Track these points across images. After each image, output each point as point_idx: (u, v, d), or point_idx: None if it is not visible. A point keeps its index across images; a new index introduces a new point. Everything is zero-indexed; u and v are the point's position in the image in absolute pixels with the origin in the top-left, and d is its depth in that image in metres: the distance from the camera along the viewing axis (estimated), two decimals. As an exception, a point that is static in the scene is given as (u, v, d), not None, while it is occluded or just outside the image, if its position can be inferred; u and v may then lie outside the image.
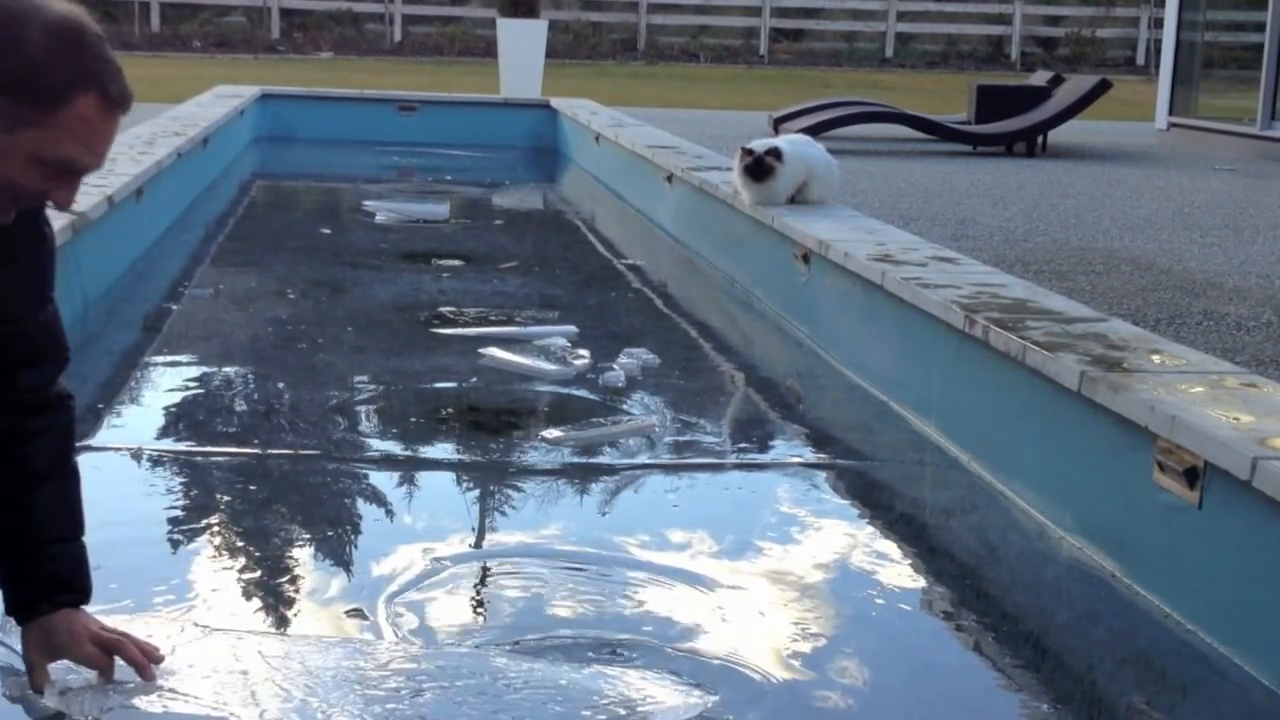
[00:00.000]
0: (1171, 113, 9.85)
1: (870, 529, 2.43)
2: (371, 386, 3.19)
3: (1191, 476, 1.95)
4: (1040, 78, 9.60)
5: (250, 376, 3.23)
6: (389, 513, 2.43)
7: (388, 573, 2.08)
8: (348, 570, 2.14)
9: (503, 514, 2.46)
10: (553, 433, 2.81)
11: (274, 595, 2.02)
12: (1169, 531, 2.03)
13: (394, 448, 2.77)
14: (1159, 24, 14.67)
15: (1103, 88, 8.39)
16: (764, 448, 2.98)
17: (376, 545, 2.22)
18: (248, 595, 2.00)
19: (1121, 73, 16.25)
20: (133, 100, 1.45)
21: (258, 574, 2.09)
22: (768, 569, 2.18)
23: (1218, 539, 1.93)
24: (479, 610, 2.01)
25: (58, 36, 1.38)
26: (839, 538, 2.37)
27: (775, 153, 4.11)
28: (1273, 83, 8.74)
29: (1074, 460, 2.31)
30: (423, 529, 2.33)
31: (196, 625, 1.86)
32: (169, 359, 3.39)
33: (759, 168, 4.09)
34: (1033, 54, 18.75)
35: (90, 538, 2.19)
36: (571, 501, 2.52)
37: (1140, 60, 18.51)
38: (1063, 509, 2.33)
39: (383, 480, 2.57)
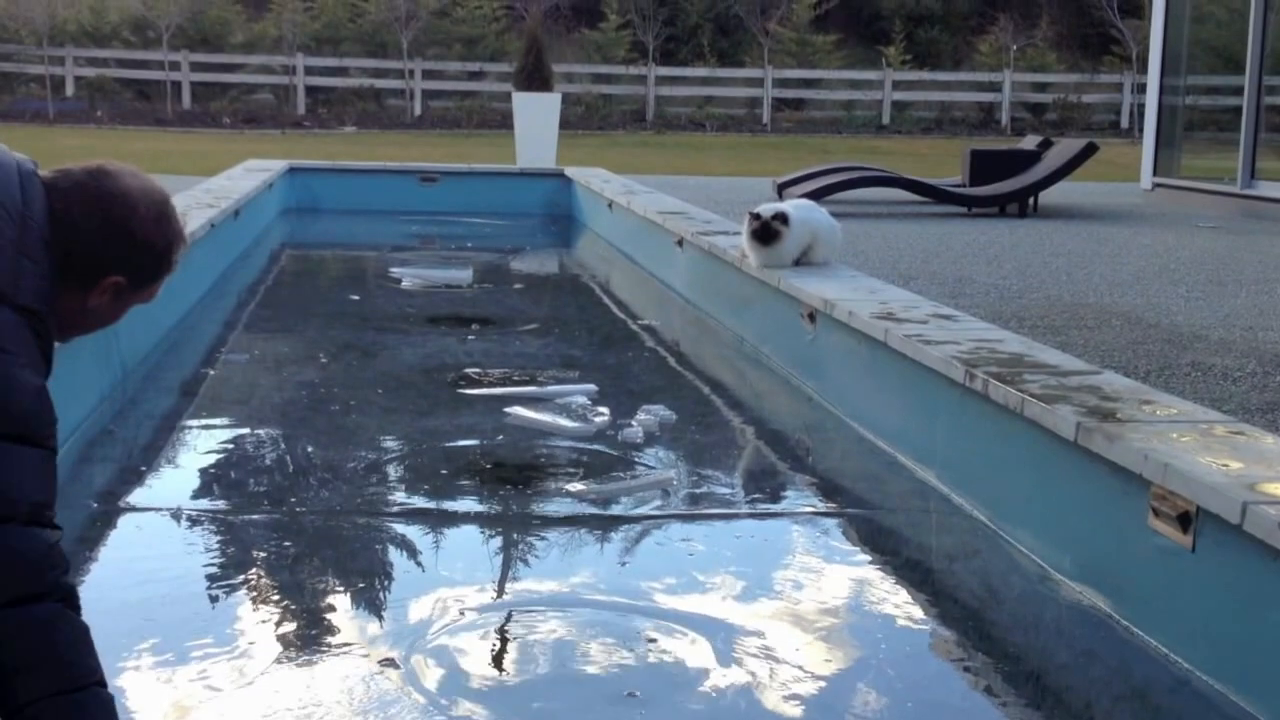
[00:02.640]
0: (1156, 173, 10.06)
1: (878, 574, 2.50)
2: (401, 445, 3.29)
3: (1185, 521, 2.02)
4: (1030, 142, 9.81)
5: (284, 438, 3.31)
6: (419, 565, 2.51)
7: (419, 623, 2.16)
8: (380, 621, 2.21)
9: (528, 565, 2.54)
10: (575, 487, 2.89)
11: (310, 646, 2.09)
12: (1164, 574, 2.09)
13: (423, 503, 2.86)
14: (1142, 89, 14.94)
15: (1090, 151, 8.58)
16: (776, 498, 3.06)
17: (407, 597, 2.30)
18: (285, 645, 2.07)
19: (1107, 136, 16.50)
20: None
21: (294, 627, 2.15)
22: (780, 613, 2.26)
23: (1211, 580, 1.99)
24: (506, 658, 2.09)
25: (158, 216, 1.65)
26: (848, 583, 2.45)
27: (782, 217, 4.20)
28: (1251, 143, 8.93)
29: (1072, 507, 2.38)
30: (452, 580, 2.40)
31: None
32: (205, 422, 3.49)
33: (766, 232, 4.20)
34: (1022, 119, 19.11)
35: (132, 595, 2.28)
36: (593, 552, 2.60)
37: (1124, 124, 18.83)
38: (1062, 553, 2.40)
39: (413, 534, 2.65)
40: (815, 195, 6.96)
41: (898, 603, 2.38)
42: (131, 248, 1.61)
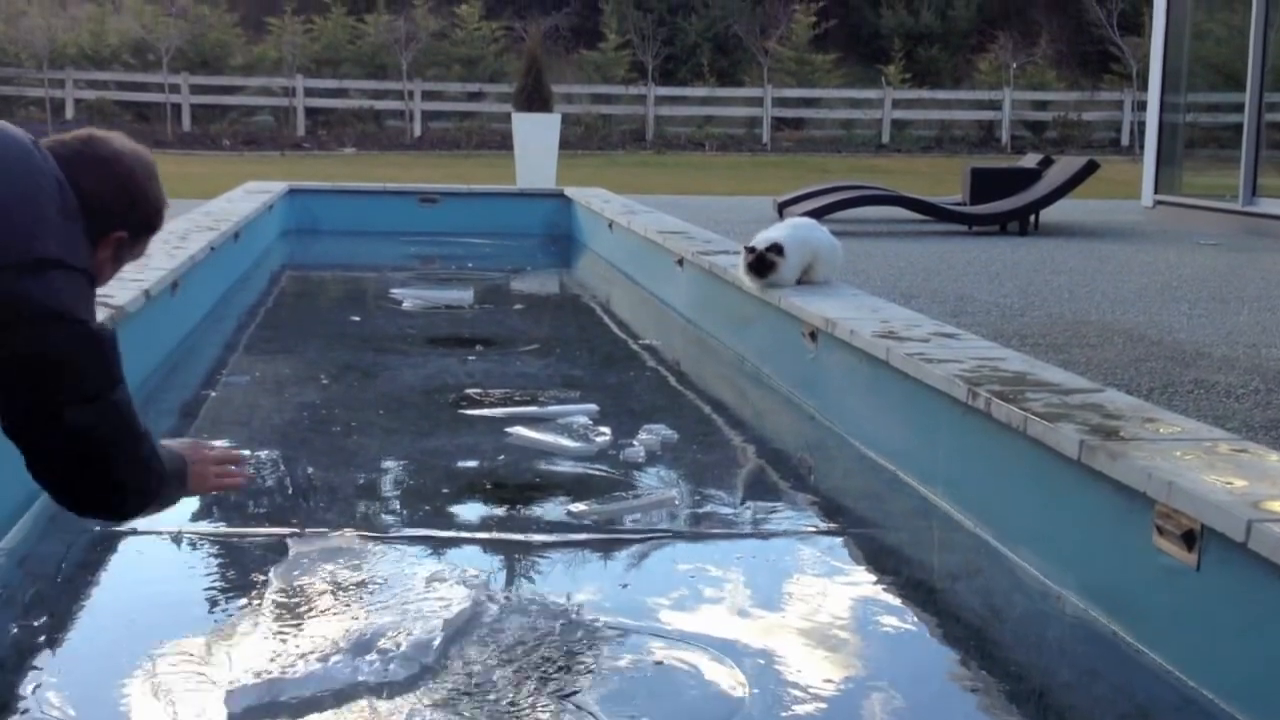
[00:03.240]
0: (1157, 191, 10.10)
1: (881, 593, 2.50)
2: (402, 466, 3.30)
3: (1189, 539, 2.02)
4: (1030, 160, 9.87)
5: (285, 459, 3.31)
6: (421, 586, 2.52)
7: (420, 645, 2.14)
8: (381, 642, 2.18)
9: (530, 585, 2.54)
10: (577, 507, 2.89)
11: (312, 667, 2.07)
12: (1169, 592, 2.09)
13: (424, 524, 2.85)
14: (1142, 106, 15.03)
15: (1090, 168, 8.62)
16: (778, 517, 3.05)
17: (409, 618, 2.29)
18: (287, 667, 2.06)
19: (1107, 153, 16.60)
20: None
21: (296, 650, 2.15)
22: (783, 633, 2.26)
23: (1216, 599, 1.99)
24: (509, 678, 2.09)
25: (150, 175, 1.84)
26: (851, 602, 2.45)
27: (776, 249, 4.19)
28: (1253, 160, 8.98)
29: (1075, 525, 2.38)
30: (453, 601, 2.40)
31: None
32: (206, 444, 3.52)
33: (761, 264, 4.20)
34: (1022, 137, 19.22)
35: (134, 619, 2.28)
36: (595, 572, 2.60)
37: (1125, 141, 18.93)
38: (1065, 572, 2.40)
39: (414, 555, 2.65)
40: (816, 214, 6.98)
41: (901, 622, 2.38)
42: (133, 203, 1.80)
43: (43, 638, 2.19)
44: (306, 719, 1.93)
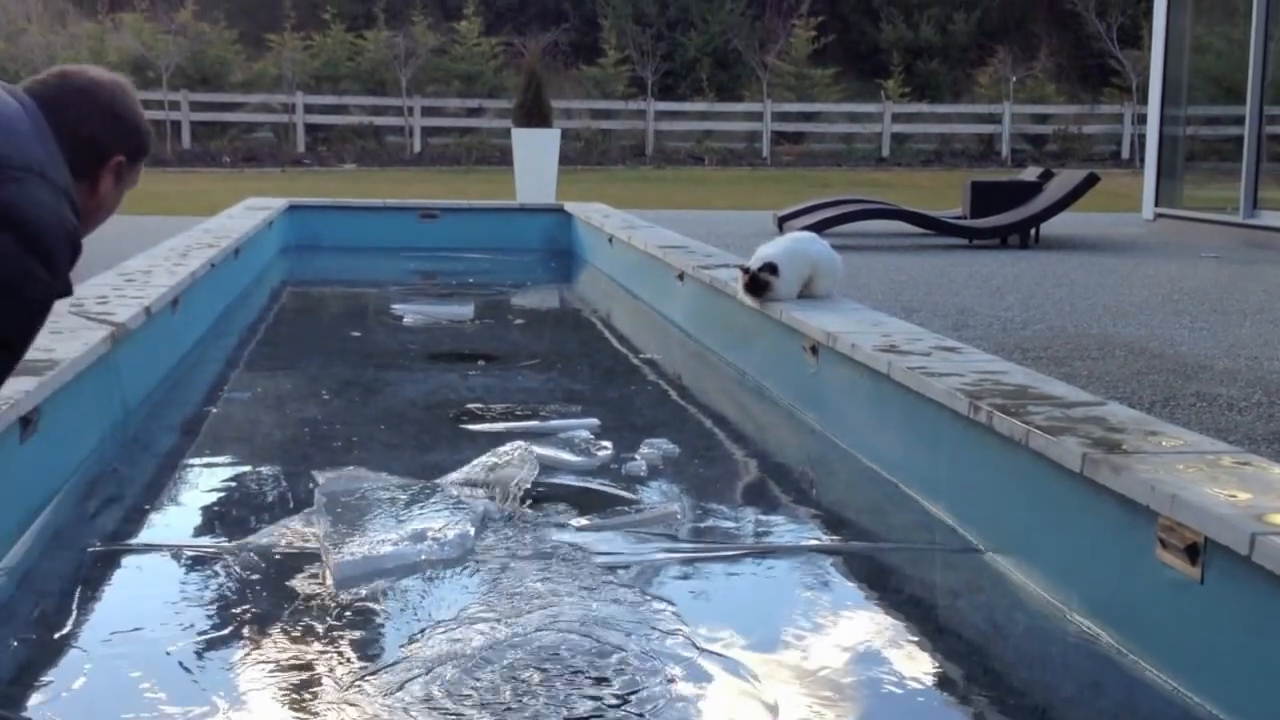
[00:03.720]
0: (1158, 204, 10.13)
1: (883, 609, 2.49)
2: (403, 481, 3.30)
3: (1193, 553, 2.01)
4: (1031, 173, 9.91)
5: (286, 475, 3.30)
6: (421, 603, 2.52)
7: (423, 661, 2.15)
8: (383, 658, 2.20)
9: (530, 600, 2.54)
10: (578, 521, 2.89)
11: (314, 684, 2.08)
12: (1173, 606, 2.09)
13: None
14: (1142, 119, 15.08)
15: (1091, 181, 8.65)
16: (781, 532, 3.05)
17: (410, 634, 2.29)
18: (288, 684, 2.07)
19: (1108, 166, 16.67)
20: None
21: (298, 667, 2.15)
22: (785, 651, 2.25)
23: (1220, 612, 1.98)
24: (509, 697, 2.08)
25: (132, 98, 1.89)
26: (853, 619, 2.44)
27: (770, 268, 4.19)
28: (1254, 173, 9.01)
29: (1078, 539, 2.38)
30: (454, 617, 2.39)
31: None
32: (207, 460, 3.49)
33: (755, 284, 4.20)
34: (1022, 151, 19.29)
35: (134, 635, 2.27)
36: (597, 586, 2.60)
37: (1125, 154, 18.99)
38: (1068, 587, 2.39)
39: (415, 570, 2.66)
40: (816, 228, 7.00)
41: (902, 638, 2.37)
42: (123, 125, 1.85)
43: (45, 655, 2.18)
44: (400, 582, 2.53)
